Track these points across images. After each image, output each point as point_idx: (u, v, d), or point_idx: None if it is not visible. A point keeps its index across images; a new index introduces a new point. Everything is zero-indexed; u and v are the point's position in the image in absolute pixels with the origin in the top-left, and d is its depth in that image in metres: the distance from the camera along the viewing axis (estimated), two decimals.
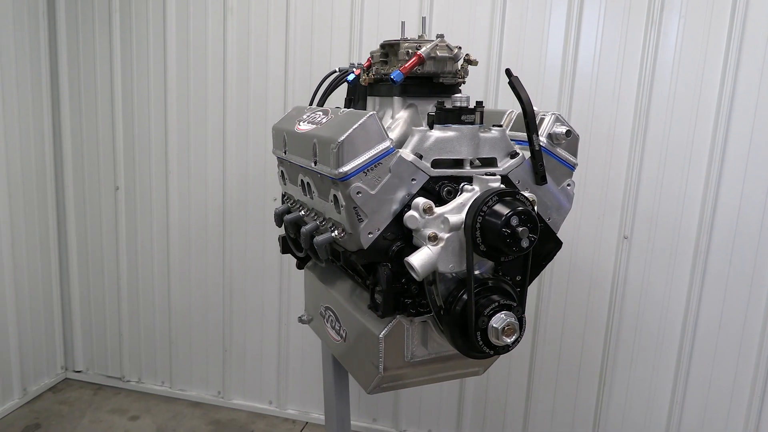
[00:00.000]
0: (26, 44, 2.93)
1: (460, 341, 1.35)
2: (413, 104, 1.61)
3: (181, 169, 3.01)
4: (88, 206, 3.21)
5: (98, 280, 3.29)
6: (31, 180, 3.05)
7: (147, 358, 3.30)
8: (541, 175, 1.46)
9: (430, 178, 1.38)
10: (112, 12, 2.95)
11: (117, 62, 2.99)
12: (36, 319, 3.17)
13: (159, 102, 2.97)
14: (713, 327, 2.49)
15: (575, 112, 2.49)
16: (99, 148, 3.12)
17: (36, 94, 3.02)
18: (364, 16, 2.63)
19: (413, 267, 1.30)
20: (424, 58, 1.51)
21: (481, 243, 1.28)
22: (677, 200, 2.45)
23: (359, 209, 1.34)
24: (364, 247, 1.36)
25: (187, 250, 3.10)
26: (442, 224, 1.32)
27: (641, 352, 2.61)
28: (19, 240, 3.01)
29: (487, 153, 1.44)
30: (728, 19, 2.27)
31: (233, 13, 2.79)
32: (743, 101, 2.31)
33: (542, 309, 2.68)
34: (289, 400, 3.13)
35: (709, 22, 2.30)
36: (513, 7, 2.48)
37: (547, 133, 1.49)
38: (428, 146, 1.38)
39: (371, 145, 1.33)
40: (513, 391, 2.80)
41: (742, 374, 2.48)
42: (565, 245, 2.54)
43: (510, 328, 1.31)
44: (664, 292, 2.53)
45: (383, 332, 1.44)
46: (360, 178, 1.33)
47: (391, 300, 1.39)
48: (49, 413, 3.04)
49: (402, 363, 1.48)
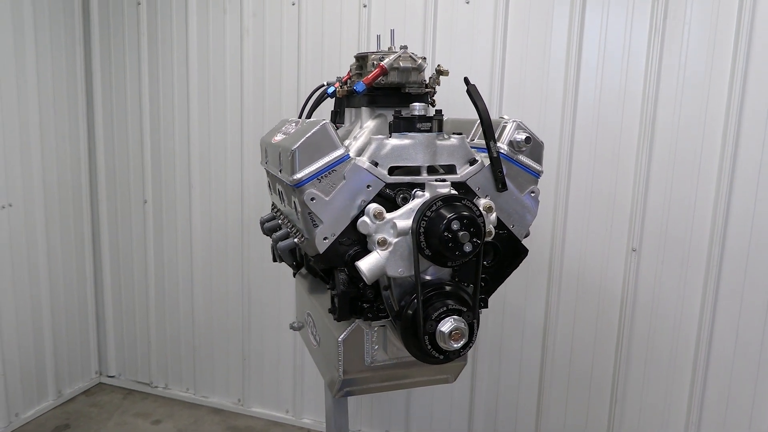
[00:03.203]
0: (64, 71, 3.17)
1: (412, 346, 1.37)
2: (382, 114, 1.65)
3: (203, 182, 3.15)
4: (120, 218, 3.40)
5: (129, 289, 3.46)
6: (68, 194, 3.26)
7: (173, 364, 3.44)
8: (500, 181, 1.47)
9: (386, 184, 1.41)
10: (140, 35, 3.14)
11: (145, 84, 3.18)
12: (71, 326, 3.37)
13: (182, 120, 3.13)
14: (729, 343, 2.38)
15: (579, 123, 2.46)
16: (129, 163, 3.31)
17: (72, 116, 3.25)
18: (370, 34, 2.69)
19: (361, 271, 1.33)
20: (386, 69, 1.55)
21: (426, 247, 1.30)
22: (687, 210, 2.37)
23: (314, 215, 1.38)
24: (320, 251, 1.40)
25: (209, 259, 3.22)
26: (392, 229, 1.35)
27: (653, 369, 2.52)
28: (56, 251, 3.21)
29: (446, 160, 1.46)
30: (735, 25, 2.21)
31: (249, 34, 2.92)
32: (753, 106, 2.22)
33: (550, 324, 2.64)
34: (305, 410, 3.18)
35: (715, 29, 2.24)
36: (515, 17, 2.48)
37: (508, 140, 1.49)
38: (384, 154, 1.42)
39: (324, 152, 1.38)
40: (523, 406, 2.76)
41: (762, 393, 2.35)
42: (572, 258, 2.55)
43: (457, 333, 1.32)
44: (676, 306, 2.45)
45: (342, 336, 1.48)
46: (314, 184, 1.37)
47: (346, 304, 1.42)
48: (79, 415, 3.21)
49: (363, 367, 1.51)
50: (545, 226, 2.57)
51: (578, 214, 2.53)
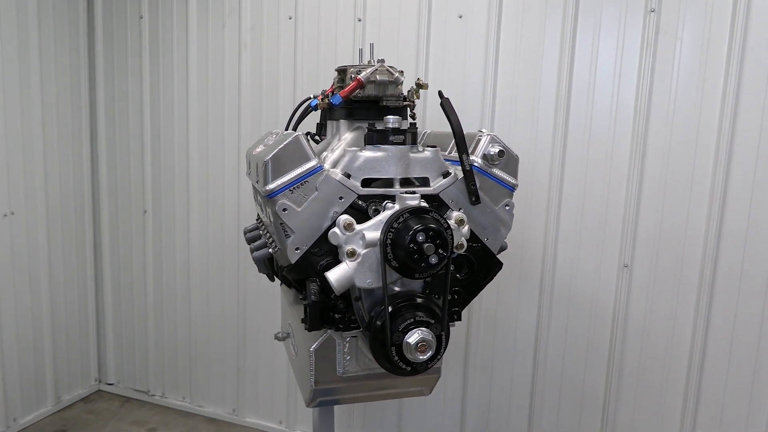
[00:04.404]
0: (68, 81, 3.23)
1: (381, 356, 1.37)
2: (360, 126, 1.66)
3: (200, 194, 3.19)
4: (121, 227, 3.44)
5: (128, 297, 3.50)
6: (70, 203, 3.31)
7: (170, 373, 3.46)
8: (473, 194, 1.47)
9: (359, 196, 1.42)
10: (142, 48, 3.20)
11: (146, 95, 3.23)
12: (71, 333, 3.41)
13: (182, 131, 3.17)
14: (722, 362, 2.35)
15: (571, 136, 2.46)
16: (130, 173, 3.36)
17: (76, 126, 3.31)
18: (365, 48, 2.71)
19: (330, 281, 1.34)
20: (363, 82, 1.57)
21: (393, 259, 1.31)
22: (679, 227, 2.35)
23: (285, 225, 1.40)
24: (292, 262, 1.41)
25: (206, 270, 3.25)
26: (361, 240, 1.36)
27: (645, 388, 2.48)
28: (57, 260, 3.26)
29: (419, 173, 1.47)
30: (727, 40, 2.19)
31: (247, 47, 2.96)
32: (746, 121, 2.20)
33: (541, 339, 2.62)
34: (298, 421, 3.18)
35: (707, 46, 2.23)
36: (507, 32, 2.50)
37: (482, 153, 1.50)
38: (357, 166, 1.43)
39: (297, 164, 1.40)
40: (514, 422, 2.73)
41: (756, 413, 2.31)
42: (564, 273, 2.53)
43: (424, 345, 1.32)
44: (668, 323, 2.42)
45: (313, 346, 1.48)
46: (286, 195, 1.39)
47: (317, 314, 1.42)
48: (76, 421, 3.24)
49: (335, 378, 1.51)
50: (537, 241, 2.56)
51: (570, 228, 2.51)
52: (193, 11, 3.05)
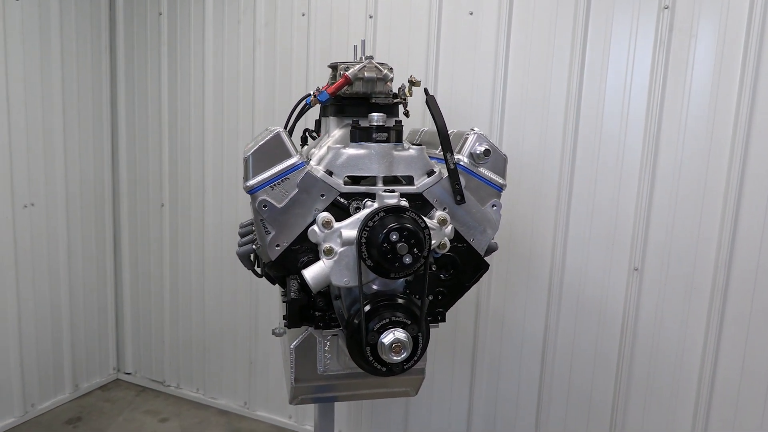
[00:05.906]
0: (89, 79, 3.31)
1: (357, 356, 1.36)
2: (349, 123, 1.65)
3: (216, 188, 3.22)
4: (139, 221, 3.51)
5: (146, 288, 3.57)
6: (90, 195, 3.40)
7: (185, 364, 3.52)
8: (458, 193, 1.45)
9: (340, 194, 1.41)
10: (161, 44, 3.25)
11: (165, 91, 3.28)
12: (90, 323, 3.50)
13: (198, 126, 3.21)
14: (735, 371, 2.26)
15: (582, 136, 2.39)
16: (149, 167, 3.42)
17: (97, 120, 3.39)
18: (376, 44, 2.70)
19: (306, 279, 1.33)
20: (351, 78, 1.56)
21: (368, 258, 1.30)
22: (691, 230, 2.27)
23: (266, 222, 1.39)
24: (272, 258, 1.41)
25: (220, 263, 3.29)
26: (338, 238, 1.35)
27: (655, 396, 2.41)
28: (76, 251, 3.35)
29: (403, 171, 1.45)
30: (744, 37, 2.11)
31: (261, 43, 2.98)
32: (763, 122, 2.12)
33: (549, 342, 2.57)
34: (307, 416, 3.20)
35: (724, 41, 2.14)
36: (518, 28, 2.45)
37: (468, 151, 1.47)
38: (340, 163, 1.42)
39: (278, 160, 1.39)
40: (521, 425, 2.69)
41: None
42: (572, 275, 2.48)
43: (398, 345, 1.31)
44: (679, 329, 2.34)
45: (294, 343, 1.48)
46: (267, 191, 1.39)
47: (296, 311, 1.42)
48: (92, 409, 3.33)
49: (315, 376, 1.51)
50: (546, 242, 2.51)
51: (579, 229, 2.46)
52: (209, 8, 3.09)
